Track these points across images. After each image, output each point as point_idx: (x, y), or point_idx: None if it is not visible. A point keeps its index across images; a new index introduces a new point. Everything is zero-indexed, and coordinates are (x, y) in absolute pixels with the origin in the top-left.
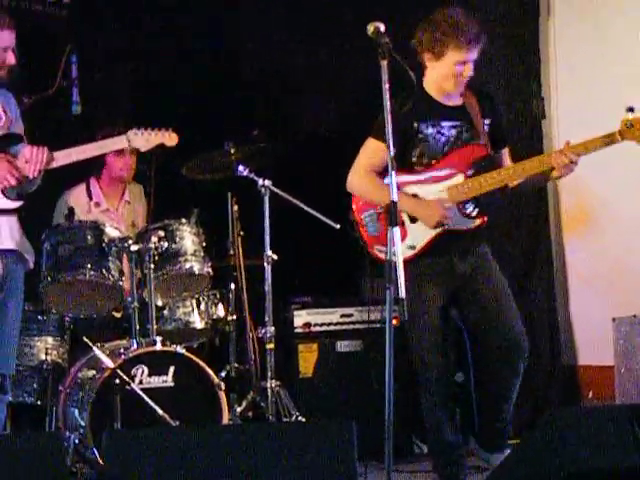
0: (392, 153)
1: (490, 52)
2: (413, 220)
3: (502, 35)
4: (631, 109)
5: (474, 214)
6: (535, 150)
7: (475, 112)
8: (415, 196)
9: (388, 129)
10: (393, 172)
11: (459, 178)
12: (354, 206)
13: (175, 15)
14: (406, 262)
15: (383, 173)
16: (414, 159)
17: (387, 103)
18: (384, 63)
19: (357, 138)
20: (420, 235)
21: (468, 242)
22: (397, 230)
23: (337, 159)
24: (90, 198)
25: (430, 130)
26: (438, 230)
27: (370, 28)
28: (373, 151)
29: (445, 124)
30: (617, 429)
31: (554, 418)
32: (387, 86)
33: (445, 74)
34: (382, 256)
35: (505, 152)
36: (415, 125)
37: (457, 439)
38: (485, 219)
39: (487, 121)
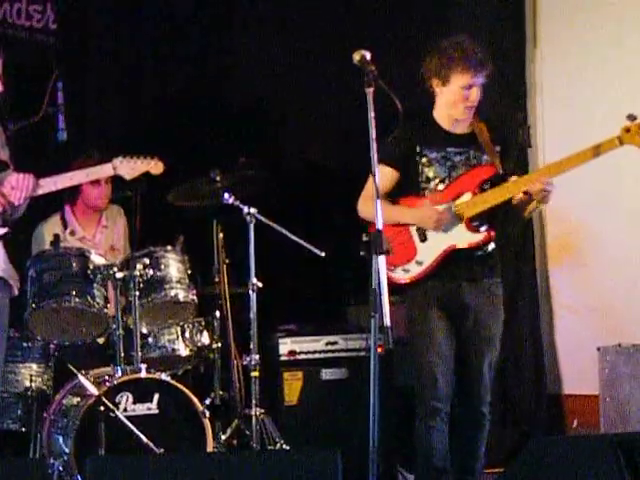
0: (378, 182)
1: None
2: (423, 239)
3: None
4: (633, 117)
5: (481, 229)
6: None
7: (485, 138)
8: None
9: (374, 159)
10: (378, 201)
11: (467, 196)
12: (370, 228)
13: (161, 42)
14: (414, 282)
15: (392, 196)
16: (422, 184)
17: (372, 131)
18: (370, 91)
19: (344, 166)
20: (429, 253)
21: (479, 270)
22: (382, 259)
23: (323, 187)
24: (65, 227)
25: (435, 154)
26: (447, 245)
27: (356, 56)
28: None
29: (451, 150)
30: (601, 458)
31: (539, 447)
32: (372, 114)
33: (452, 100)
34: (391, 275)
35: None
36: (419, 149)
37: (446, 465)
38: (491, 234)
39: (497, 148)
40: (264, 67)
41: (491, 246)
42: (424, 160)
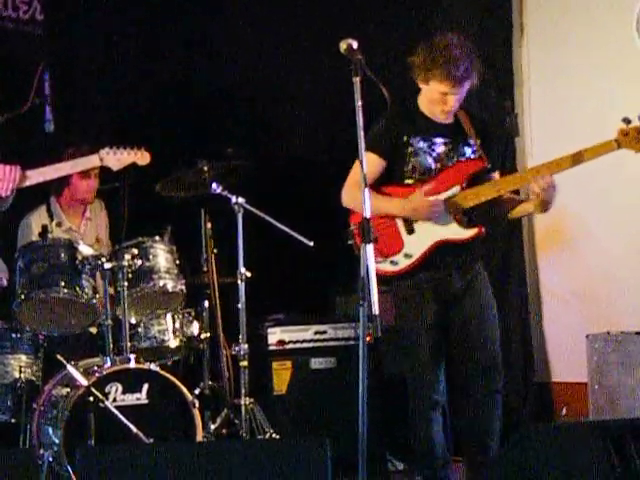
0: (365, 170)
1: None
2: (410, 231)
3: (475, 52)
4: (628, 120)
5: (471, 224)
6: (509, 167)
7: (469, 129)
8: None
9: (361, 148)
10: (366, 189)
11: (456, 190)
12: (352, 216)
13: (148, 32)
14: (403, 274)
15: (375, 184)
16: (407, 173)
17: (360, 121)
18: (357, 80)
19: (332, 155)
20: (417, 245)
21: (466, 258)
22: (370, 247)
23: (312, 176)
24: (51, 218)
25: (421, 144)
26: (435, 240)
27: (343, 45)
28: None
29: (437, 140)
30: (590, 445)
31: (528, 435)
32: (359, 103)
33: (431, 98)
34: (378, 267)
35: (495, 176)
36: (405, 138)
37: (448, 455)
38: (482, 229)
39: (478, 141)
40: (252, 57)
41: None
42: (410, 150)
